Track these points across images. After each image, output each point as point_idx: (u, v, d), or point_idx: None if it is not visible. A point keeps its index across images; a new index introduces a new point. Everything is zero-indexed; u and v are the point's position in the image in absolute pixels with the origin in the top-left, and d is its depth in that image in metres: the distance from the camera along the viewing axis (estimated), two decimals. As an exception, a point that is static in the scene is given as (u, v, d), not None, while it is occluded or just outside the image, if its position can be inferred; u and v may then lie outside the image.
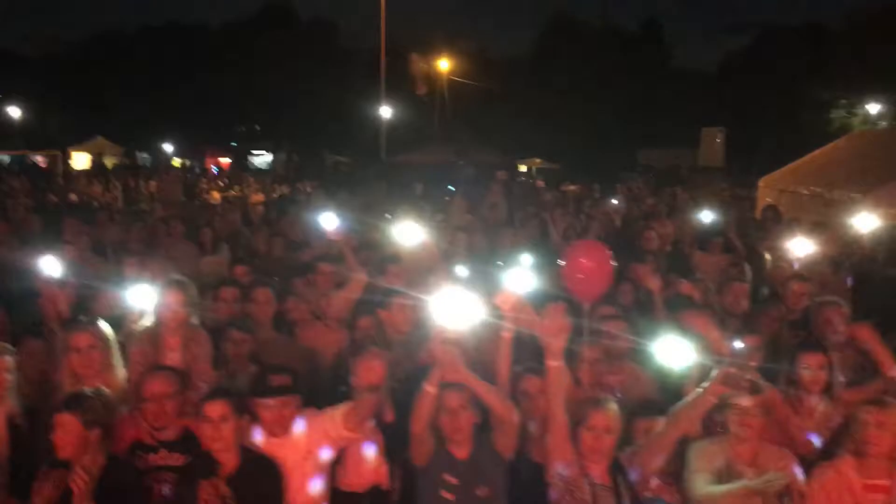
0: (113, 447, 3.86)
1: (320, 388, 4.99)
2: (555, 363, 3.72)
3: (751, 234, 9.91)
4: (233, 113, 46.84)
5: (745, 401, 3.76)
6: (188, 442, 3.90)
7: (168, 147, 40.43)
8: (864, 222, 8.47)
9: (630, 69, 47.11)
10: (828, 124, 39.77)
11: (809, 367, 4.42)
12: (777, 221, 11.34)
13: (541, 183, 26.17)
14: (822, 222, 11.20)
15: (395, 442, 4.19)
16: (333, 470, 4.12)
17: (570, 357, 4.24)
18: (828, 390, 4.46)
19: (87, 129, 38.11)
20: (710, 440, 3.90)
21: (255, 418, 3.85)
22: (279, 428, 3.84)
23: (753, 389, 3.80)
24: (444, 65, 41.70)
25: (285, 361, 5.02)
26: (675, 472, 3.88)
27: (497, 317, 4.08)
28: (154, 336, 4.58)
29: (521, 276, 4.58)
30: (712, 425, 3.95)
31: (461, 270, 5.77)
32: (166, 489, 3.79)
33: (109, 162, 33.30)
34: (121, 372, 4.37)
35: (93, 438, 3.64)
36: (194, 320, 4.73)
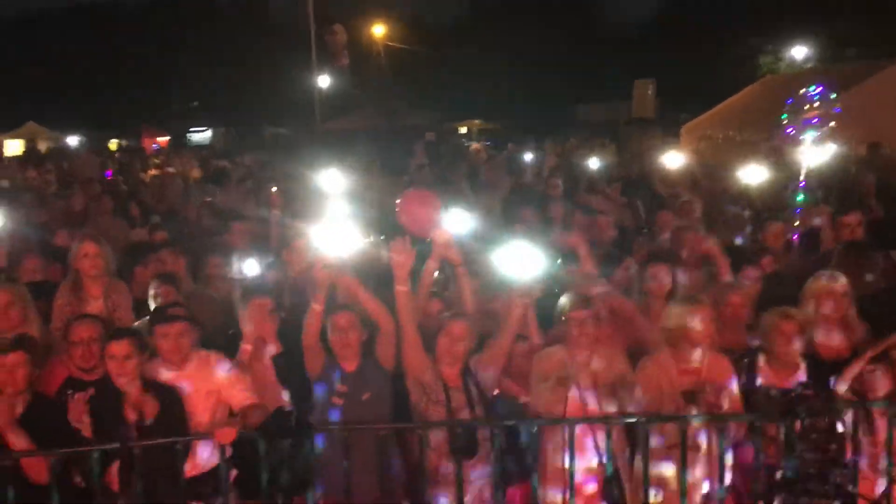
0: (41, 388, 4.40)
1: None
2: (401, 288, 4.34)
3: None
4: (169, 91, 46.30)
5: (580, 311, 4.43)
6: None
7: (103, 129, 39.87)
8: (753, 174, 9.06)
9: (565, 25, 47.68)
10: (756, 70, 40.76)
11: (655, 276, 5.17)
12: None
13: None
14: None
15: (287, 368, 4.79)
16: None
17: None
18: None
19: (18, 115, 37.43)
20: (552, 347, 4.57)
21: (154, 353, 4.34)
22: (176, 355, 4.32)
23: (586, 303, 4.47)
24: (378, 30, 41.72)
25: (202, 311, 5.67)
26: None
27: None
28: (76, 286, 5.10)
29: None
30: (557, 334, 4.62)
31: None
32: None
33: (44, 146, 32.83)
34: (36, 325, 4.85)
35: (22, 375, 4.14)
36: (113, 268, 5.25)
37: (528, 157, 14.35)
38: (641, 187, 10.99)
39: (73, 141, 34.01)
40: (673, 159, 11.09)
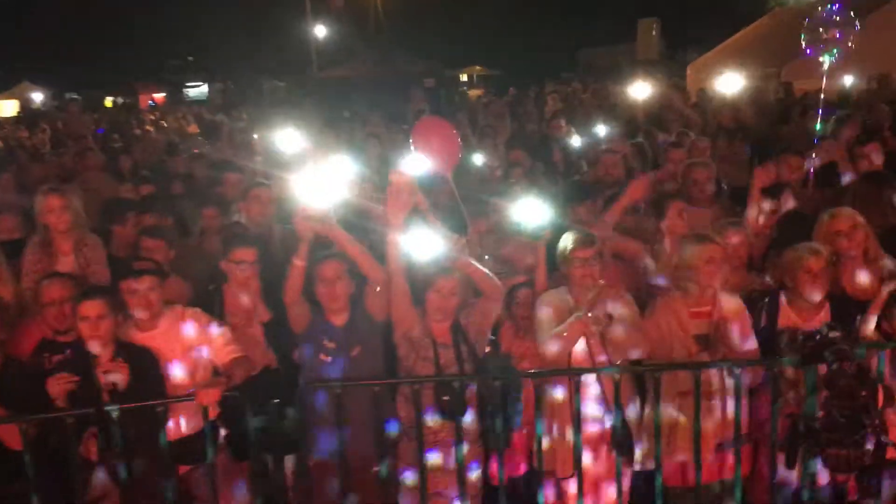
0: (14, 350, 4.15)
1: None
2: (393, 235, 4.01)
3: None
4: (164, 46, 45.48)
5: (583, 250, 4.13)
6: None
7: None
8: (729, 83, 8.77)
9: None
10: (763, 4, 39.68)
11: (671, 216, 4.89)
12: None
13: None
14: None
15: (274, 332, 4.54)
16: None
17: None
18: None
19: (12, 75, 36.85)
20: (555, 290, 4.28)
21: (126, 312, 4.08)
22: (146, 312, 4.05)
23: (590, 242, 4.17)
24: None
25: (189, 263, 5.38)
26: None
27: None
28: (46, 243, 4.81)
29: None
30: (558, 276, 4.33)
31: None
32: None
33: (37, 106, 32.37)
34: (9, 285, 4.57)
35: None
36: (82, 220, 4.95)
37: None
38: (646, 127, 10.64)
39: (65, 98, 33.51)
40: (643, 90, 10.70)
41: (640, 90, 10.57)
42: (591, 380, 4.07)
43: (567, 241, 4.21)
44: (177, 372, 4.08)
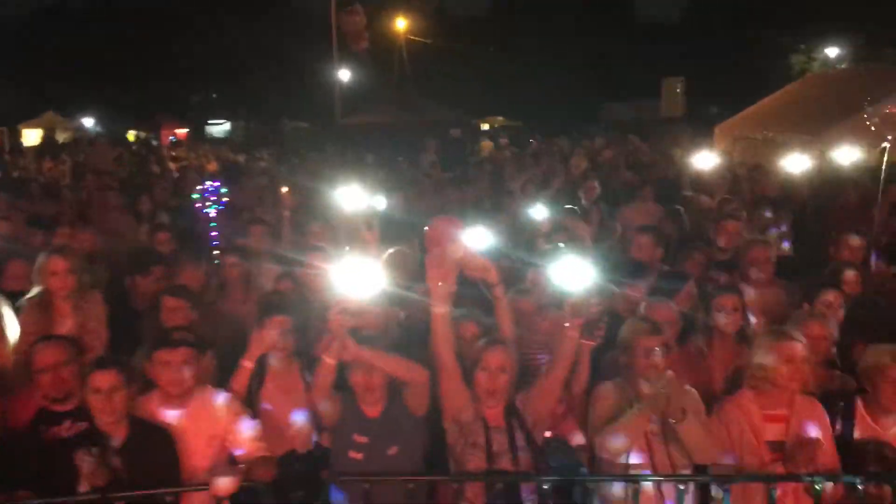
0: (12, 421, 3.77)
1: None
2: (438, 310, 3.62)
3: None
4: (188, 82, 45.89)
5: (649, 339, 3.73)
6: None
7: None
8: (796, 163, 8.50)
9: (592, 21, 46.97)
10: (788, 70, 39.77)
11: (724, 308, 4.46)
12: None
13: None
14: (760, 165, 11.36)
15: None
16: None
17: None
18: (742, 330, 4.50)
19: (37, 104, 37.15)
20: (612, 381, 3.87)
21: (149, 385, 3.72)
22: (177, 388, 3.69)
23: (656, 330, 3.77)
24: (400, 24, 41.11)
25: (210, 328, 5.00)
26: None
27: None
28: (45, 303, 4.47)
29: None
30: (619, 367, 3.91)
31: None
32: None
33: (62, 137, 32.54)
34: (9, 347, 4.23)
35: None
36: (85, 281, 4.62)
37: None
38: (676, 190, 10.22)
39: (90, 129, 33.70)
40: (708, 160, 10.24)
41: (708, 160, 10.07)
42: (650, 487, 3.62)
43: (630, 327, 3.81)
44: (196, 458, 3.68)
